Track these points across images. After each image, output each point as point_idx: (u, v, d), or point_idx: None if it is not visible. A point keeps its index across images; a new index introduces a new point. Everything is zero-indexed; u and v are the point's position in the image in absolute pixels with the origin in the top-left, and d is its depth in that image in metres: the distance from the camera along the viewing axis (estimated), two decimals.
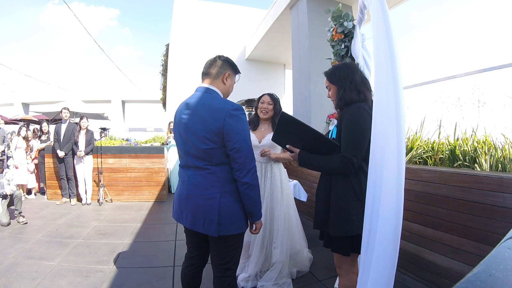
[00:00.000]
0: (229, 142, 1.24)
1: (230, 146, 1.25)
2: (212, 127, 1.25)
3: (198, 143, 1.28)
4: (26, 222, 3.51)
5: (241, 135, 1.25)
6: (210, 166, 1.29)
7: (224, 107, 1.27)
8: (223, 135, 1.25)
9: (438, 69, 9.45)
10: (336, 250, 1.37)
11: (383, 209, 1.12)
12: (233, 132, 1.24)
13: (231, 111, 1.25)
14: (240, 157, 1.25)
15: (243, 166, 1.25)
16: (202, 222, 1.28)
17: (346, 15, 2.55)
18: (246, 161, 1.26)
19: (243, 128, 1.28)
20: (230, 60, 1.43)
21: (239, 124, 1.26)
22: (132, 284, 2.16)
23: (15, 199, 3.54)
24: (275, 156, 2.12)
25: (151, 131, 18.10)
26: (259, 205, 1.33)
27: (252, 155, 1.29)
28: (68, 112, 4.86)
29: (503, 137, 2.22)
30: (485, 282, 0.45)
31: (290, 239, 2.18)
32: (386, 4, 1.19)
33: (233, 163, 1.27)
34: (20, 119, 9.03)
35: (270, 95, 2.23)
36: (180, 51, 10.70)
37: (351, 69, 1.42)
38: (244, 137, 1.27)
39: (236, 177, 1.27)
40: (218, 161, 1.29)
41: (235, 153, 1.24)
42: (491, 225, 1.62)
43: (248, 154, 1.27)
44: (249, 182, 1.26)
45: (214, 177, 1.29)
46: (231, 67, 1.41)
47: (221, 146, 1.27)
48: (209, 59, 1.43)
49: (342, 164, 1.28)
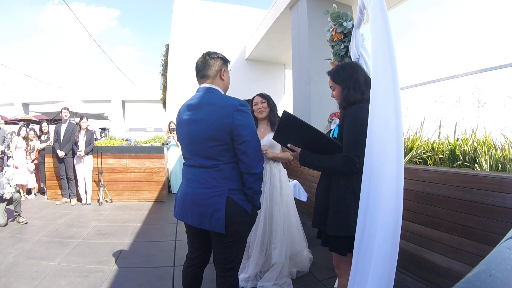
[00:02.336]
0: (239, 136, 1.27)
1: (241, 140, 1.27)
2: (219, 124, 1.26)
3: (205, 143, 1.29)
4: (26, 222, 3.50)
5: (250, 129, 1.29)
6: (218, 164, 1.30)
7: (231, 103, 1.29)
8: (232, 130, 1.27)
9: (438, 69, 9.44)
10: (334, 250, 1.38)
11: (383, 209, 1.12)
12: (242, 126, 1.27)
13: (239, 106, 1.28)
14: (251, 149, 1.29)
15: (253, 158, 1.29)
16: (209, 219, 1.29)
17: (345, 15, 2.55)
18: (256, 153, 1.31)
19: (251, 122, 1.32)
20: (219, 55, 1.43)
21: (247, 118, 1.30)
22: (132, 284, 2.16)
23: (15, 202, 3.50)
24: (272, 155, 2.12)
25: (151, 131, 18.09)
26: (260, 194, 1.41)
27: (260, 148, 1.35)
28: (68, 112, 4.86)
29: (503, 137, 2.22)
30: (485, 282, 0.45)
31: (289, 240, 2.18)
32: (385, 5, 1.19)
33: (243, 157, 1.29)
34: (20, 119, 9.04)
35: (259, 95, 2.27)
36: (180, 51, 10.70)
37: (355, 69, 1.42)
38: (253, 130, 1.31)
39: (247, 170, 1.30)
40: (226, 159, 1.31)
41: (246, 146, 1.28)
42: (491, 225, 1.62)
43: (258, 146, 1.32)
44: (259, 173, 1.32)
45: (221, 174, 1.30)
46: (222, 61, 1.42)
47: (229, 144, 1.29)
48: (198, 60, 1.42)
49: (344, 164, 1.28)
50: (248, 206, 1.34)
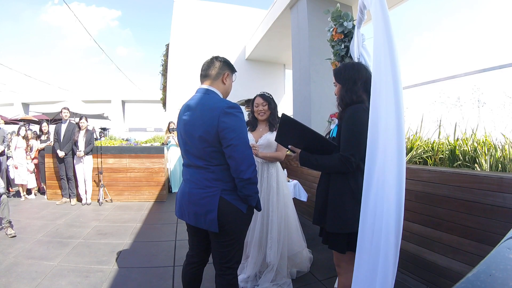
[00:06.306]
0: (225, 140, 1.25)
1: (226, 143, 1.25)
2: (207, 126, 1.26)
3: (197, 143, 1.30)
4: (15, 235, 3.01)
5: (236, 132, 1.25)
6: (209, 165, 1.31)
7: (219, 105, 1.28)
8: (218, 133, 1.25)
9: (438, 69, 9.46)
10: (332, 247, 1.41)
11: (384, 209, 1.12)
12: (228, 129, 1.24)
13: (226, 109, 1.26)
14: (237, 153, 1.24)
15: (240, 163, 1.25)
16: (203, 219, 1.30)
17: (346, 15, 2.55)
18: (244, 158, 1.26)
19: (239, 126, 1.28)
20: (227, 60, 1.47)
21: (234, 121, 1.26)
22: (132, 284, 2.16)
23: (1, 205, 3.01)
24: (262, 155, 2.11)
25: (151, 131, 18.10)
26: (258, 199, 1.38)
27: (250, 152, 1.30)
28: (68, 112, 4.86)
29: (503, 137, 2.22)
30: (485, 282, 0.45)
31: (287, 240, 2.17)
32: (386, 5, 1.19)
33: (230, 161, 1.27)
34: (20, 119, 9.03)
35: (261, 96, 2.21)
36: (180, 51, 10.71)
37: (357, 70, 1.42)
38: (240, 134, 1.27)
39: (235, 174, 1.27)
40: (217, 161, 1.31)
41: (231, 150, 1.24)
42: (491, 225, 1.62)
43: (245, 151, 1.27)
44: (251, 178, 1.27)
45: (214, 175, 1.31)
46: (228, 67, 1.45)
47: (217, 146, 1.28)
48: (205, 60, 1.46)
49: (340, 163, 1.30)
50: (243, 206, 1.34)
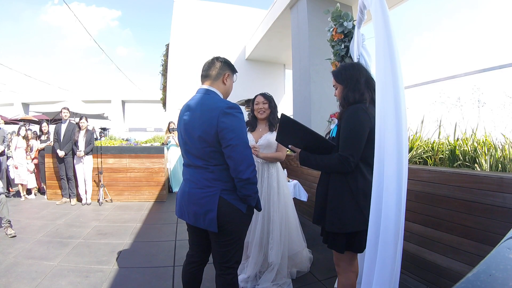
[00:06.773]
0: (224, 140, 1.25)
1: (225, 144, 1.25)
2: (206, 127, 1.26)
3: (196, 143, 1.31)
4: (15, 235, 3.02)
5: (236, 132, 1.25)
6: (208, 165, 1.31)
7: (219, 106, 1.28)
8: (217, 133, 1.25)
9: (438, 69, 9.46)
10: (331, 247, 1.41)
11: (385, 209, 1.12)
12: (227, 129, 1.24)
13: (225, 109, 1.26)
14: (236, 153, 1.24)
15: (239, 163, 1.25)
16: (203, 218, 1.31)
17: (346, 15, 2.55)
18: (243, 158, 1.25)
19: (239, 126, 1.28)
20: (228, 61, 1.47)
21: (233, 121, 1.26)
22: (132, 284, 2.16)
23: (0, 204, 2.98)
24: (262, 155, 2.11)
25: (151, 131, 18.11)
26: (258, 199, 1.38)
27: (249, 153, 1.30)
28: (68, 112, 4.86)
29: (503, 137, 2.22)
30: (485, 282, 0.45)
31: (288, 240, 2.17)
32: (386, 5, 1.19)
33: (229, 161, 1.26)
34: (20, 119, 9.03)
35: (262, 95, 2.23)
36: (180, 51, 10.71)
37: (358, 69, 1.43)
38: (240, 134, 1.26)
39: (234, 174, 1.27)
40: (216, 161, 1.31)
41: (230, 150, 1.24)
42: (491, 225, 1.62)
43: (244, 151, 1.27)
44: (250, 178, 1.27)
45: (213, 175, 1.31)
46: (229, 67, 1.45)
47: (217, 146, 1.28)
48: (206, 61, 1.46)
49: (339, 162, 1.31)
50: (242, 206, 1.34)
